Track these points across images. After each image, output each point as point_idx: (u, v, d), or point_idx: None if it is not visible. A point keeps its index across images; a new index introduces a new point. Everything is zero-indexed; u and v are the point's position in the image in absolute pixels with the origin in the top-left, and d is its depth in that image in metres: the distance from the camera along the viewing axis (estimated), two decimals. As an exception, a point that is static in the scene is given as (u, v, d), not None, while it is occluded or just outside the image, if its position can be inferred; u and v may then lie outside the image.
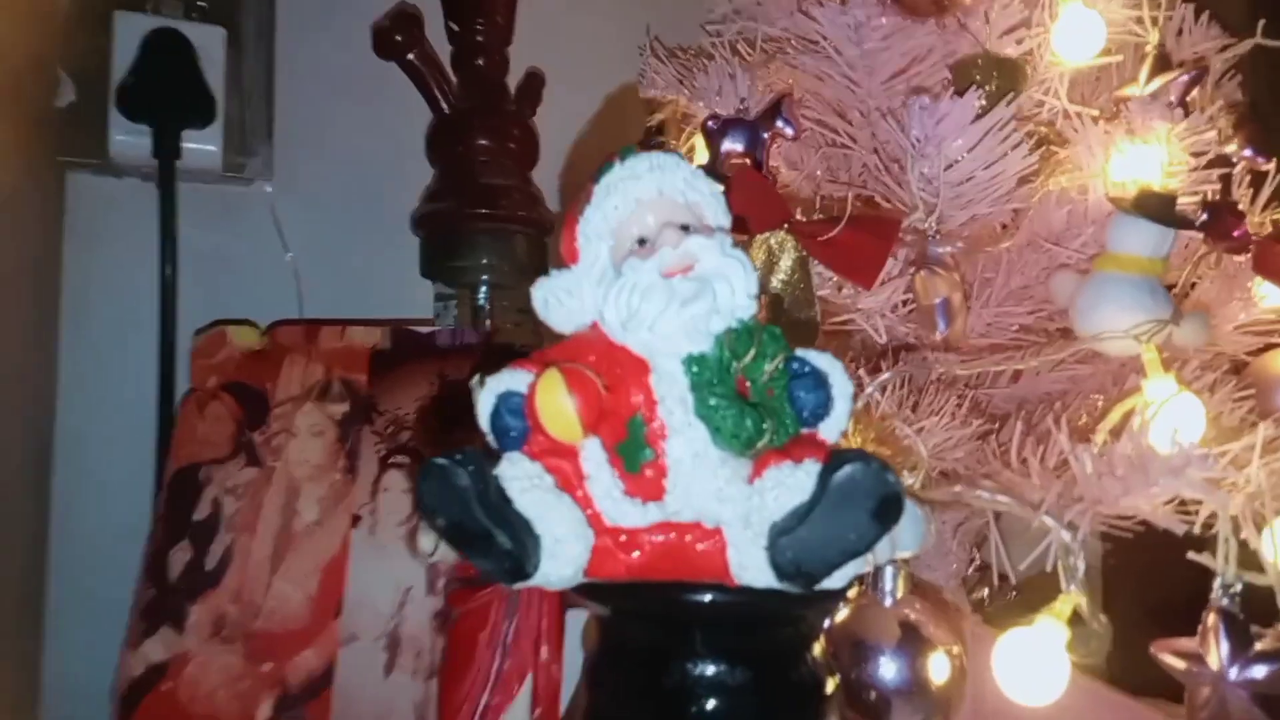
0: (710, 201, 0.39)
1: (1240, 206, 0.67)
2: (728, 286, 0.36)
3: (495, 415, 0.38)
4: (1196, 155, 0.60)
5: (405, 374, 0.86)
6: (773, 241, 0.59)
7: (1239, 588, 0.48)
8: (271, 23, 0.99)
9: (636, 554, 0.37)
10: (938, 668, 0.59)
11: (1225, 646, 0.48)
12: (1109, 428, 0.52)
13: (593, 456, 0.38)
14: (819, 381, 0.37)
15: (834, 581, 0.34)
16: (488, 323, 0.90)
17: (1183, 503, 0.49)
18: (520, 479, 0.36)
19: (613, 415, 0.38)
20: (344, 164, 1.07)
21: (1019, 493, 0.52)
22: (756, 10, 0.76)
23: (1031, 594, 0.53)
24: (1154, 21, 0.66)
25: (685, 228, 0.38)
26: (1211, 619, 0.49)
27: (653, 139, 0.81)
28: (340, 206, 1.07)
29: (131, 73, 0.84)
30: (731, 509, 0.35)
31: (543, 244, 0.94)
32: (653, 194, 0.38)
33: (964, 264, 0.63)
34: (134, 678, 0.73)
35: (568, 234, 0.41)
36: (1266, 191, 0.69)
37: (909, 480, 0.52)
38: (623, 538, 0.37)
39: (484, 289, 0.93)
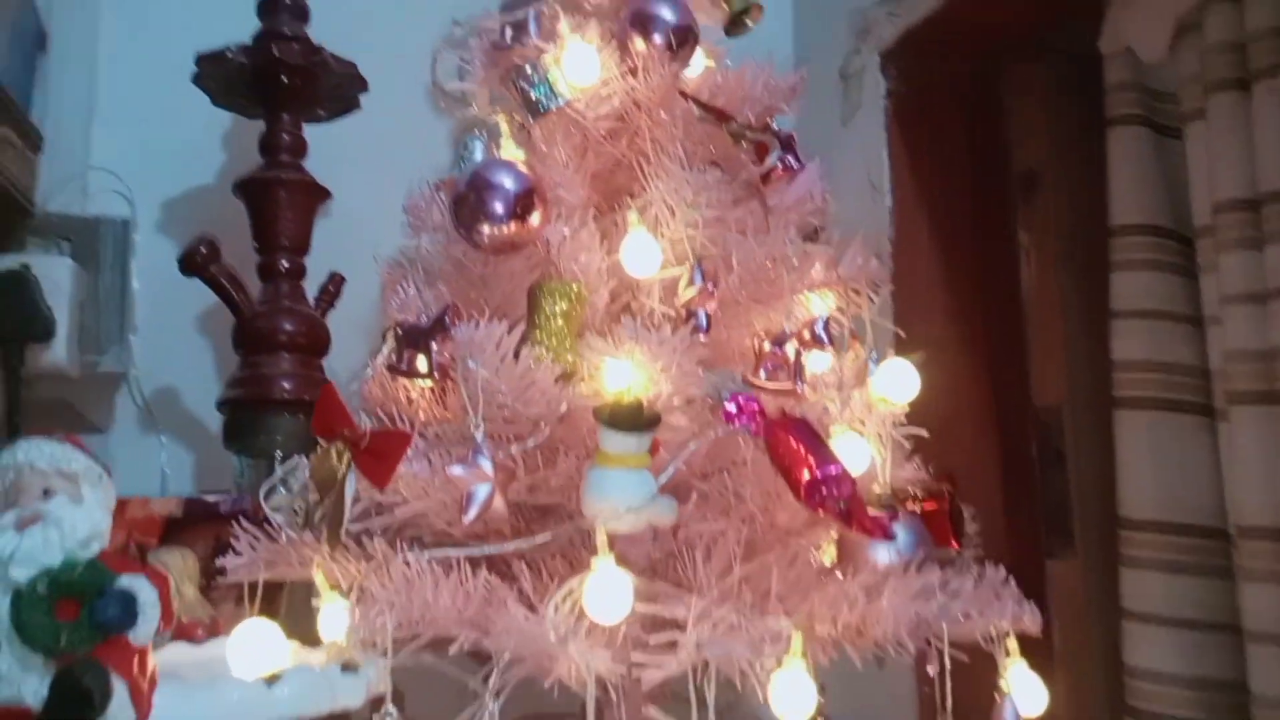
0: (84, 468, 0.56)
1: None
2: (59, 533, 0.52)
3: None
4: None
5: (189, 537, 1.04)
6: (335, 449, 0.74)
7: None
8: (125, 249, 1.21)
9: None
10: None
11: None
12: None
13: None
14: (124, 601, 0.51)
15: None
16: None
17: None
18: None
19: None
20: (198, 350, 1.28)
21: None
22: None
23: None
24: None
25: (48, 491, 0.54)
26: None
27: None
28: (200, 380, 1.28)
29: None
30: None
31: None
32: (25, 465, 0.55)
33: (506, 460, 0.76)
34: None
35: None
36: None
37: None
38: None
39: (276, 458, 1.10)
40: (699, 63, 1.07)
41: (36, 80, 1.30)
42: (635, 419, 0.71)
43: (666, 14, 0.94)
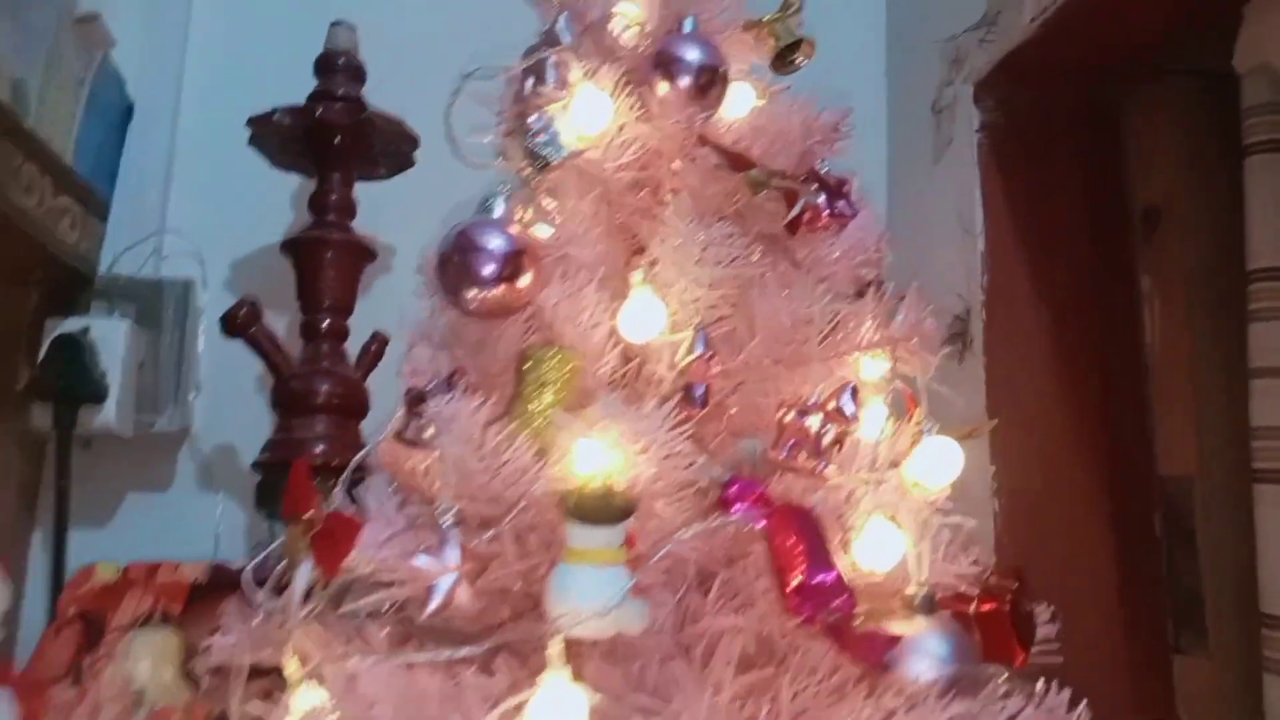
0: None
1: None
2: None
3: None
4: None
5: (211, 604, 1.02)
6: (299, 529, 0.70)
7: None
8: (186, 310, 1.24)
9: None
10: None
11: None
12: None
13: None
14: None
15: None
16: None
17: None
18: None
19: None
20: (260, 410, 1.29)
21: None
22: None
23: None
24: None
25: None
26: None
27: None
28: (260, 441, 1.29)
29: (38, 367, 1.10)
30: None
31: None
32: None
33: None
34: None
35: None
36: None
37: None
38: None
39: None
40: (746, 102, 0.99)
41: (124, 147, 1.37)
42: (603, 509, 0.63)
43: (690, 55, 0.86)
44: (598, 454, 0.65)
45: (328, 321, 1.15)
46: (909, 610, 0.70)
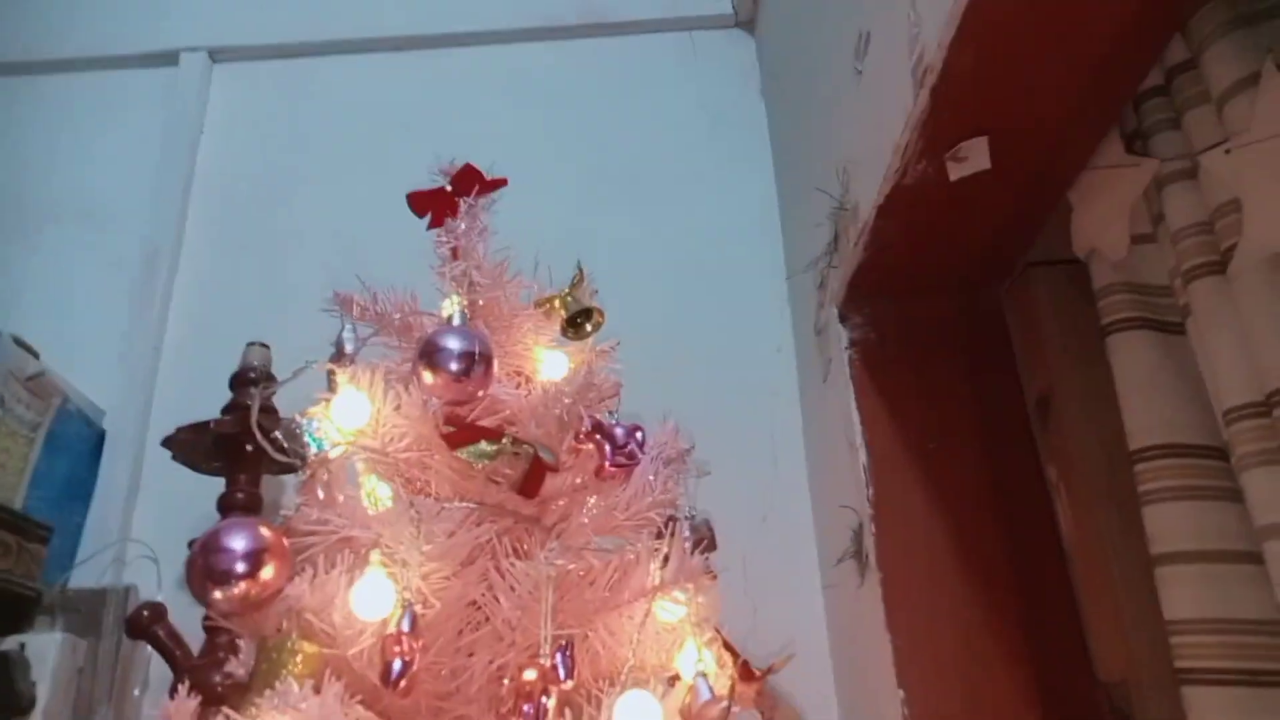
0: None
1: None
2: None
3: None
4: None
5: None
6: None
7: None
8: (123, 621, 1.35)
9: None
10: None
11: None
12: None
13: None
14: None
15: None
16: None
17: None
18: None
19: None
20: None
21: None
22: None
23: None
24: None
25: None
26: None
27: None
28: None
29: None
30: None
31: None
32: None
33: None
34: None
35: None
36: None
37: None
38: None
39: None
40: (559, 365, 1.08)
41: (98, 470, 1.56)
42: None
43: (451, 344, 0.96)
44: (274, 746, 0.68)
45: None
46: None
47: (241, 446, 1.31)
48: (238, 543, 0.82)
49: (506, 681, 0.78)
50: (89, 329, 1.73)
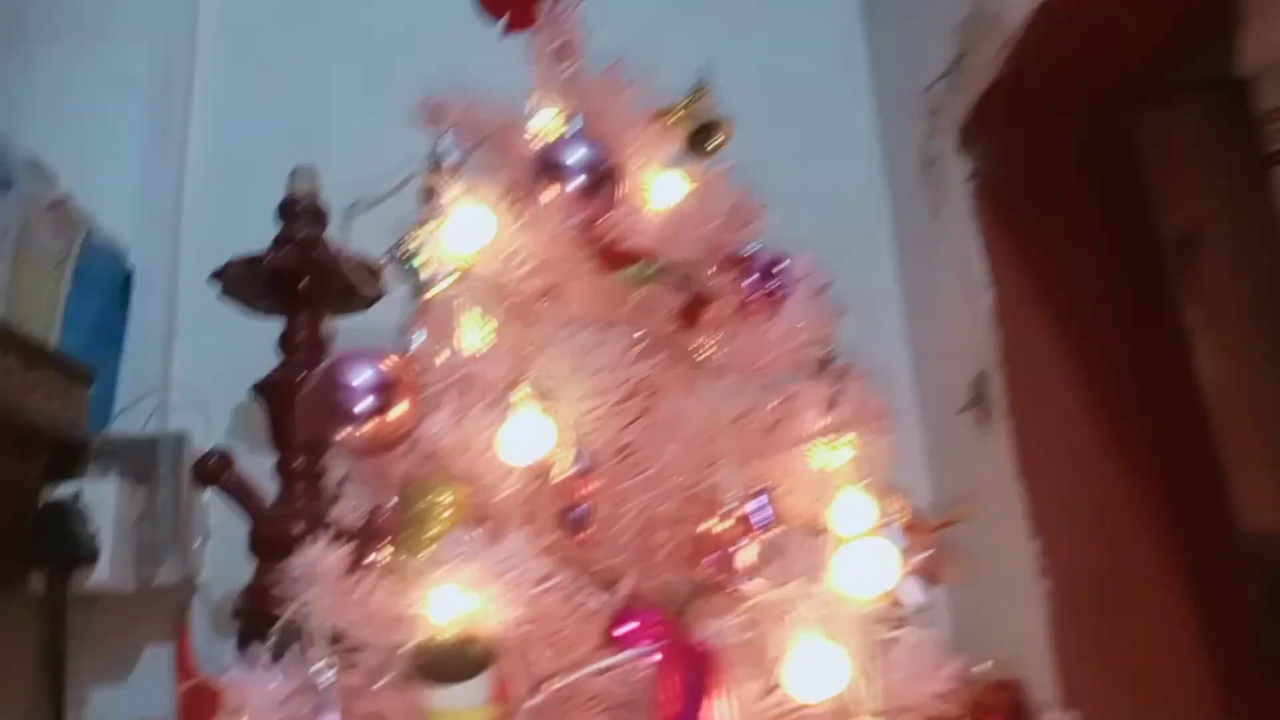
0: None
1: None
2: None
3: None
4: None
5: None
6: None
7: None
8: (180, 463, 1.25)
9: None
10: None
11: None
12: None
13: None
14: None
15: None
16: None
17: None
18: None
19: None
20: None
21: None
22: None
23: None
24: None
25: None
26: None
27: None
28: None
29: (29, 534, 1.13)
30: None
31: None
32: None
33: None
34: None
35: None
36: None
37: None
38: None
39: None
40: (676, 191, 0.94)
41: (128, 312, 1.42)
42: (454, 665, 0.56)
43: (574, 156, 0.82)
44: (450, 601, 0.59)
45: (301, 461, 1.13)
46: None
47: (297, 282, 1.18)
48: (363, 377, 0.71)
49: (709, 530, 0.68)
50: (102, 158, 1.55)
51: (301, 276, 1.16)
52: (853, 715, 0.63)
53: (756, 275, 0.87)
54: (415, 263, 0.77)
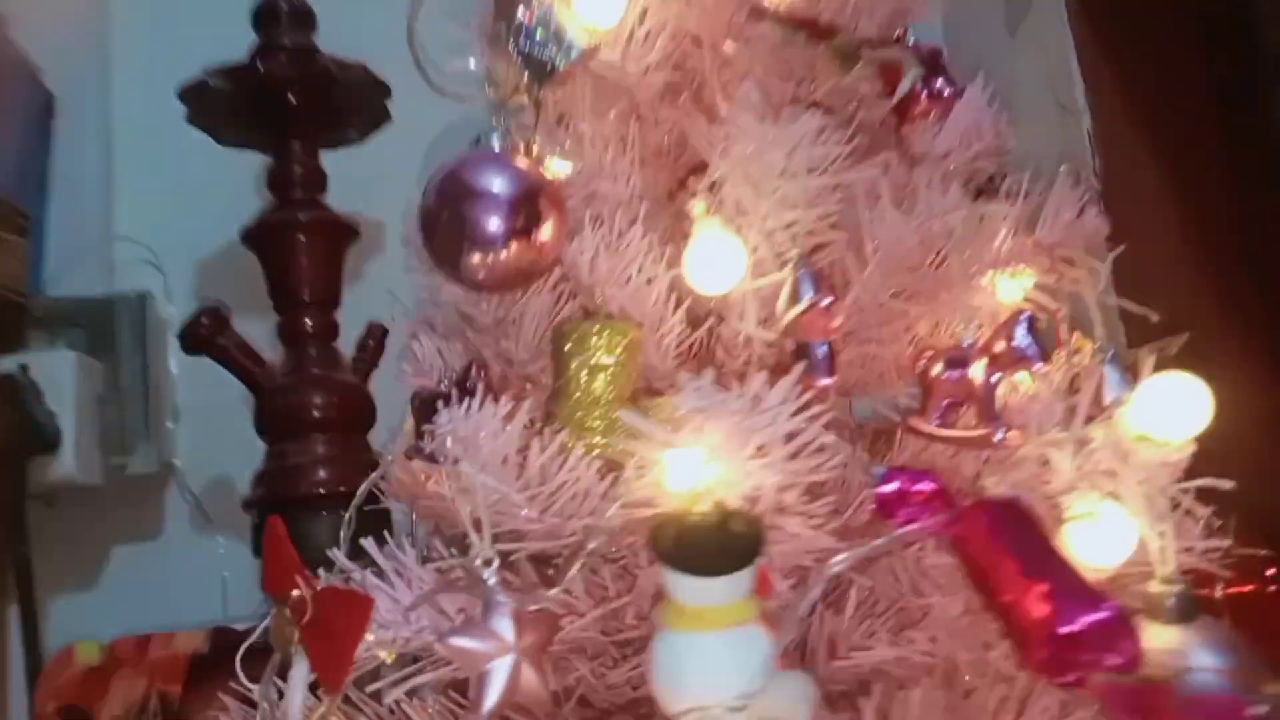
0: None
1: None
2: None
3: None
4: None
5: (218, 679, 0.83)
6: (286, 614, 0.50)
7: None
8: (144, 329, 1.03)
9: None
10: None
11: None
12: None
13: None
14: None
15: None
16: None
17: None
18: None
19: None
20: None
21: None
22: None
23: None
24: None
25: None
26: None
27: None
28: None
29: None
30: None
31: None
32: None
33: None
34: None
35: None
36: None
37: None
38: None
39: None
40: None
41: (52, 149, 1.16)
42: (719, 552, 0.42)
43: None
44: (695, 467, 0.44)
45: (310, 319, 0.94)
46: (1157, 619, 0.48)
47: (292, 100, 0.95)
48: (502, 184, 0.53)
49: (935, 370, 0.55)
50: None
51: (293, 92, 0.93)
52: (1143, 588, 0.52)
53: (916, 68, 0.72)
54: (540, 41, 0.58)
